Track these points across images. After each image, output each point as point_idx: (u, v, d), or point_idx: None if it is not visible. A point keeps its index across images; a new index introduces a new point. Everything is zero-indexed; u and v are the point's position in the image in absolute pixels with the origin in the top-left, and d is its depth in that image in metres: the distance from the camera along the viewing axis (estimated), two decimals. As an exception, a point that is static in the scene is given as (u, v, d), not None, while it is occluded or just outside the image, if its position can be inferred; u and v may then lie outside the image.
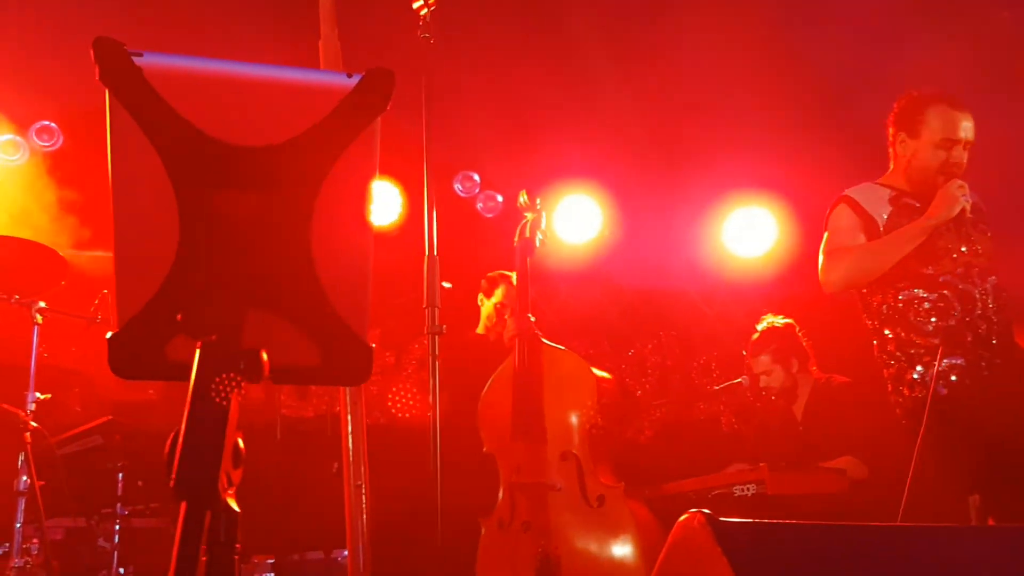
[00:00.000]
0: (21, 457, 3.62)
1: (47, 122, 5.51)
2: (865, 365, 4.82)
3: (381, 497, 3.11)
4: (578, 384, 3.92)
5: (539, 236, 4.16)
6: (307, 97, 1.15)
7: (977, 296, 3.17)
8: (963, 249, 3.20)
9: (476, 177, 6.09)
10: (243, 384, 0.99)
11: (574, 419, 3.87)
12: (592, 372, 3.96)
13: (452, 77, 4.71)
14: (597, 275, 5.59)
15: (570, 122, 5.63)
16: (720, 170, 5.74)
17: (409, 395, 4.61)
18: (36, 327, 3.82)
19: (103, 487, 4.43)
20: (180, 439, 0.92)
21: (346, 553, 3.23)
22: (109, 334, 1.18)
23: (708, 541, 1.17)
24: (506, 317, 4.67)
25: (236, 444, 1.00)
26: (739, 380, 4.85)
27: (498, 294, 4.74)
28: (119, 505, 4.36)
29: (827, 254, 3.34)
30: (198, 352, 1.02)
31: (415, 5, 2.68)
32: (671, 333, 5.90)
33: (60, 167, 5.49)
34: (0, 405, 3.58)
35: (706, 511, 1.23)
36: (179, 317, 1.06)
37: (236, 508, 0.95)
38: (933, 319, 3.14)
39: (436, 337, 2.53)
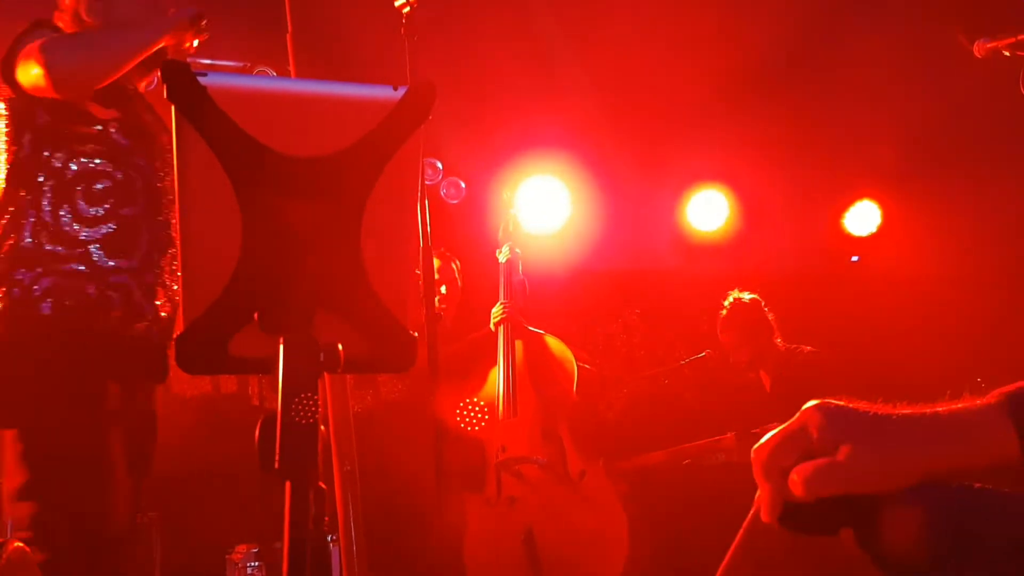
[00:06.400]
0: None
1: None
2: (824, 334, 5.05)
3: (370, 478, 3.19)
4: (560, 366, 4.10)
5: (521, 231, 4.34)
6: (358, 109, 1.25)
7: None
8: None
9: (439, 164, 6.16)
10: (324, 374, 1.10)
11: (556, 399, 4.05)
12: (571, 356, 4.14)
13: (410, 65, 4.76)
14: (564, 258, 5.73)
15: (530, 107, 5.73)
16: (677, 151, 5.91)
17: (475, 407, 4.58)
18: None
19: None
20: (279, 425, 1.02)
21: (331, 538, 3.31)
22: (176, 334, 1.27)
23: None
24: (442, 289, 4.80)
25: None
26: (703, 354, 5.05)
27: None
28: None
29: None
30: (282, 347, 1.12)
31: (397, 3, 2.75)
32: (635, 311, 6.07)
33: None
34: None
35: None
36: (256, 316, 1.15)
37: (323, 486, 1.06)
38: None
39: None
